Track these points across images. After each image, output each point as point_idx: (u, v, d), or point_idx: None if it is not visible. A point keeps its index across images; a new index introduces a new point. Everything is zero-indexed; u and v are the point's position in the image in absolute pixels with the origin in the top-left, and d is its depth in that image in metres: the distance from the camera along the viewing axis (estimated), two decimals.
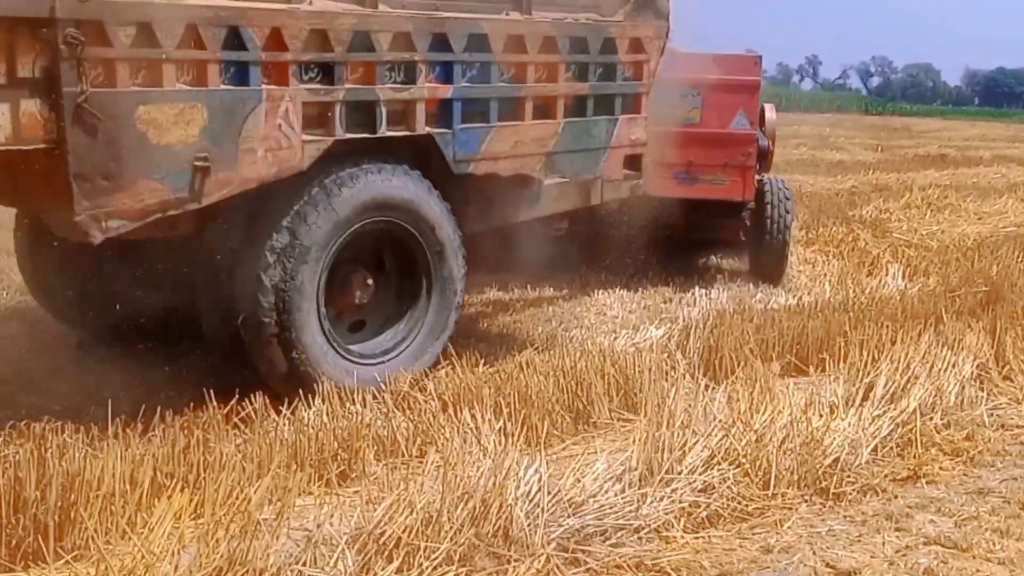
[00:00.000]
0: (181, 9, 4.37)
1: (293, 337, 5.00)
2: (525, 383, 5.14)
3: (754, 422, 4.64)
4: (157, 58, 4.31)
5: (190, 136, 4.46)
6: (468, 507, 3.71)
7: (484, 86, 5.65)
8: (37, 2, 3.94)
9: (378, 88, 5.14)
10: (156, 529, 3.47)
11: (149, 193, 4.37)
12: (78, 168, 4.12)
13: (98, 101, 4.11)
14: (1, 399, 5.07)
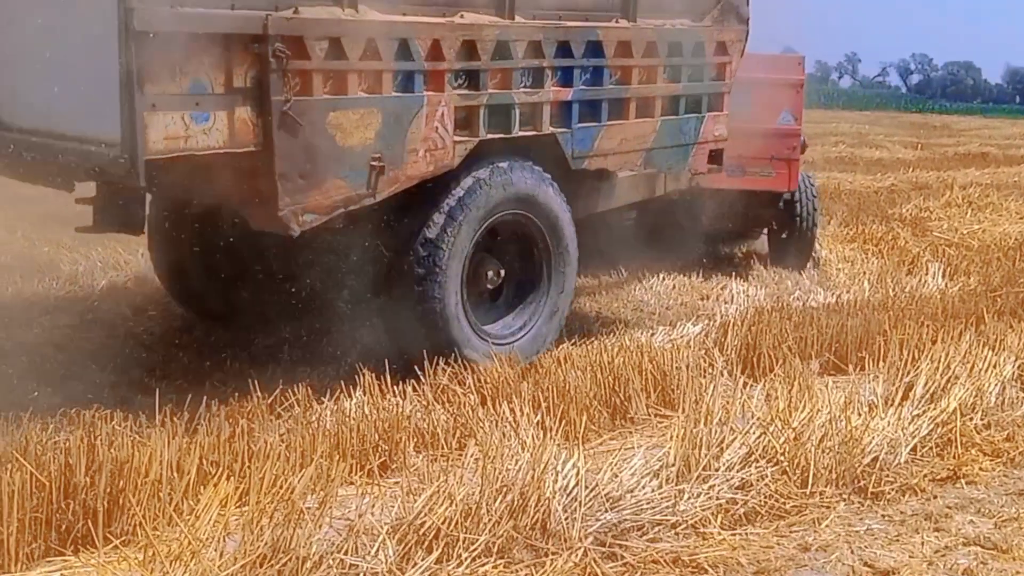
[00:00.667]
0: (363, 24, 4.87)
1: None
2: (563, 378, 5.17)
3: (792, 420, 4.64)
4: (344, 69, 4.81)
5: (368, 139, 4.96)
6: (507, 500, 3.75)
7: (597, 88, 6.10)
8: (252, 20, 4.44)
9: (513, 92, 5.61)
10: (202, 516, 3.53)
11: (336, 190, 4.88)
12: (282, 168, 4.60)
13: (298, 108, 4.60)
14: (51, 387, 5.16)
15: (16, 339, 5.89)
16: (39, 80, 4.63)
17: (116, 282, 7.25)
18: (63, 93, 4.49)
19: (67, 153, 4.51)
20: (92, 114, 4.35)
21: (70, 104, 4.48)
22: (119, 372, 5.46)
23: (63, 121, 4.56)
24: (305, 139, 4.66)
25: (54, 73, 4.53)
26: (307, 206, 4.77)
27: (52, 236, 8.50)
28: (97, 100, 4.27)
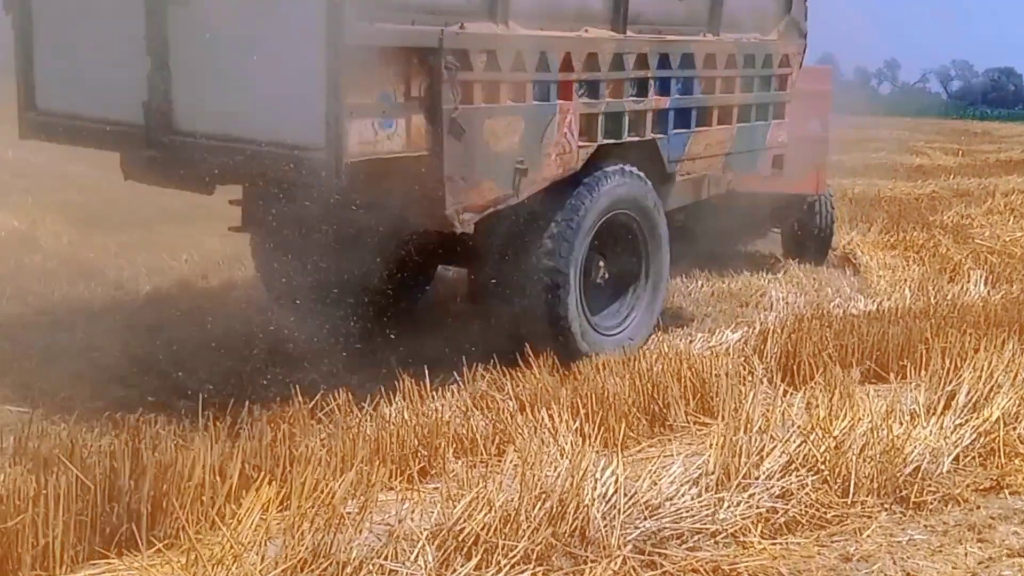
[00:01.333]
0: (513, 39, 5.33)
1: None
2: (602, 385, 5.17)
3: (833, 429, 4.61)
4: (497, 80, 5.28)
5: (514, 144, 5.42)
6: (545, 507, 3.75)
7: (688, 97, 6.61)
8: (430, 35, 4.89)
9: (624, 101, 6.11)
10: (244, 520, 3.56)
11: (488, 191, 5.34)
12: (449, 171, 5.05)
13: (463, 116, 5.05)
14: (96, 392, 5.24)
15: (61, 343, 5.98)
16: (230, 88, 4.92)
17: (160, 287, 7.33)
18: (258, 101, 4.82)
19: (262, 157, 4.82)
20: (291, 121, 4.73)
21: (266, 111, 4.80)
22: (162, 377, 5.53)
23: (256, 127, 4.83)
24: (467, 144, 5.10)
25: (248, 82, 4.84)
26: (467, 206, 5.21)
27: (97, 242, 8.64)
28: (297, 107, 4.68)
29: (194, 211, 10.60)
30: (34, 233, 8.50)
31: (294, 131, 4.72)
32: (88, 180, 13.06)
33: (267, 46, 4.73)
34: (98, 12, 5.29)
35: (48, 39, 5.49)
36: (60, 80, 5.52)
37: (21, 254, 7.90)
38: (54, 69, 5.52)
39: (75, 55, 5.42)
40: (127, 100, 5.17)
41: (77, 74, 5.44)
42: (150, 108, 5.12)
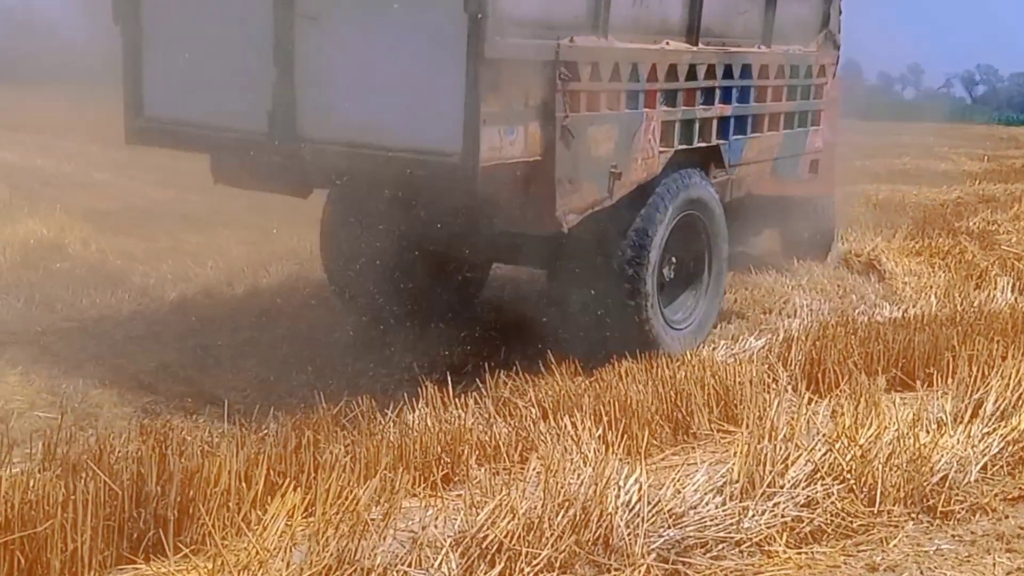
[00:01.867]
0: (613, 51, 5.67)
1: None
2: (625, 392, 5.16)
3: (859, 437, 4.59)
4: (598, 89, 5.60)
5: (609, 149, 5.75)
6: (569, 514, 3.75)
7: (746, 105, 7.01)
8: (547, 48, 5.23)
9: (696, 109, 6.49)
10: (270, 526, 3.57)
11: (589, 194, 5.67)
12: (559, 175, 5.39)
13: (571, 123, 5.38)
14: (123, 398, 5.29)
15: (88, 350, 6.04)
16: (359, 97, 5.22)
17: (186, 294, 7.38)
18: (390, 109, 5.16)
19: (394, 162, 5.14)
20: (426, 127, 5.06)
21: (398, 119, 5.14)
22: (188, 383, 5.57)
23: (387, 134, 5.17)
24: (574, 150, 5.44)
25: (380, 91, 5.17)
26: (573, 207, 5.55)
27: (124, 249, 8.71)
28: (433, 115, 5.03)
29: (217, 218, 10.72)
30: (62, 240, 8.57)
31: (429, 137, 5.05)
32: (114, 188, 13.22)
33: (402, 59, 5.06)
34: (214, 24, 5.55)
35: (158, 49, 5.74)
36: (169, 88, 5.77)
37: (49, 261, 7.98)
38: (163, 77, 5.77)
39: (187, 64, 5.64)
40: (248, 108, 5.44)
41: (189, 82, 5.69)
42: (274, 116, 5.39)
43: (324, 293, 7.73)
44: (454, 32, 4.81)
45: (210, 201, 12.37)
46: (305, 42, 5.27)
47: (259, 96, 5.38)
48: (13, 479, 3.61)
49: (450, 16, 4.81)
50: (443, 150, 4.99)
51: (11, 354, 5.84)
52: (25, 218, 9.11)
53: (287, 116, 5.36)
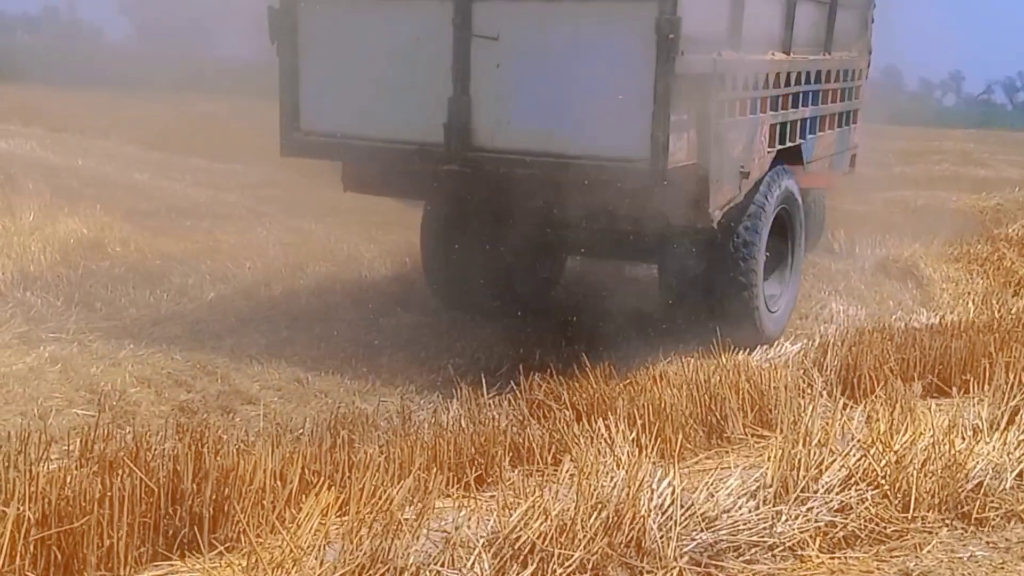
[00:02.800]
0: (746, 63, 6.24)
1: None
2: (659, 395, 5.15)
3: (894, 443, 4.55)
4: (735, 97, 6.17)
5: (739, 152, 6.28)
6: (601, 517, 3.75)
7: (818, 107, 7.70)
8: (707, 62, 5.72)
9: (788, 112, 7.07)
10: (304, 525, 3.59)
11: (728, 192, 6.19)
12: (713, 176, 5.92)
13: (720, 128, 5.97)
14: (160, 396, 5.35)
15: (126, 349, 6.11)
16: (538, 110, 5.69)
17: (224, 295, 7.45)
18: (572, 120, 5.60)
19: (575, 168, 5.63)
20: (613, 136, 5.53)
21: (581, 129, 5.59)
22: (224, 382, 5.62)
23: (568, 142, 5.63)
24: (721, 153, 5.96)
25: (562, 104, 5.62)
26: (718, 204, 6.04)
27: (163, 249, 8.81)
28: (621, 125, 5.49)
29: (255, 219, 10.82)
30: (102, 240, 8.67)
31: (614, 145, 5.53)
32: (153, 189, 13.36)
33: (583, 74, 5.52)
34: (382, 43, 5.96)
35: (315, 66, 6.12)
36: (328, 103, 6.14)
37: (89, 260, 8.08)
38: (321, 93, 6.15)
39: (349, 81, 6.09)
40: (423, 121, 5.87)
41: (350, 98, 6.10)
42: (450, 128, 5.80)
43: (359, 294, 7.80)
44: (643, 50, 5.30)
45: (247, 202, 12.53)
46: (482, 60, 5.71)
47: (435, 110, 5.80)
48: (51, 475, 3.67)
49: (639, 35, 5.31)
50: (629, 157, 5.47)
51: (51, 352, 5.93)
52: (65, 217, 9.23)
53: (463, 128, 5.79)
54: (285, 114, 6.25)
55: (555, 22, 5.59)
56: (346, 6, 6.05)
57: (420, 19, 5.85)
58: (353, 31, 6.00)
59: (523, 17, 5.67)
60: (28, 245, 8.10)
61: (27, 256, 7.87)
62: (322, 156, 6.42)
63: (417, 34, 5.83)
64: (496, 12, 5.68)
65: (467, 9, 5.68)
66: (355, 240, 9.88)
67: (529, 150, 5.70)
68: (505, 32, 5.63)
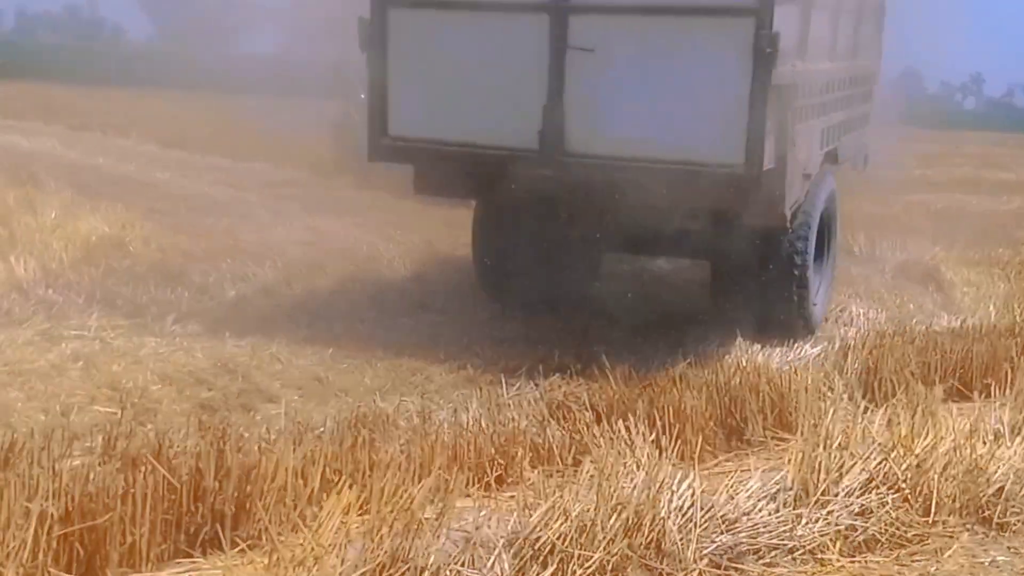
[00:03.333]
0: (810, 72, 6.45)
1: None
2: (679, 397, 5.15)
3: (915, 447, 4.54)
4: (804, 104, 6.35)
5: (805, 155, 6.49)
6: (621, 518, 3.75)
7: (848, 110, 8.07)
8: (789, 73, 5.91)
9: (831, 116, 7.34)
10: (325, 523, 3.61)
11: (797, 193, 6.49)
12: (788, 179, 6.17)
13: (795, 134, 6.17)
14: (181, 394, 5.37)
15: (147, 347, 6.14)
16: (632, 117, 5.98)
17: (244, 293, 7.47)
18: (667, 127, 5.92)
19: (669, 173, 5.91)
20: (708, 142, 5.88)
21: (676, 135, 5.92)
22: (245, 380, 5.64)
23: (660, 149, 5.95)
24: (793, 157, 6.18)
25: (657, 112, 5.94)
26: (790, 205, 6.30)
27: (184, 247, 8.85)
28: (718, 132, 5.85)
29: (275, 218, 10.86)
30: (123, 238, 8.72)
31: (709, 150, 5.85)
32: (174, 187, 13.43)
33: (678, 83, 5.89)
34: (474, 53, 6.23)
35: (404, 74, 6.37)
36: (417, 110, 6.40)
37: (111, 258, 8.11)
38: (409, 100, 6.39)
39: (438, 88, 6.34)
40: (517, 127, 6.15)
41: (440, 105, 6.35)
42: (544, 134, 6.06)
43: (378, 293, 7.82)
44: (740, 61, 5.67)
45: (267, 201, 12.58)
46: (577, 70, 6.00)
47: (529, 117, 6.07)
48: (74, 471, 3.70)
49: (737, 48, 5.69)
50: (725, 162, 5.80)
51: (73, 349, 5.96)
52: (87, 215, 9.28)
53: (557, 135, 6.06)
54: (373, 120, 6.50)
55: (652, 35, 5.96)
56: (439, 17, 6.33)
57: (515, 30, 6.16)
58: (446, 41, 6.28)
59: (620, 30, 5.98)
60: (50, 243, 8.14)
61: (49, 254, 7.91)
62: (410, 161, 6.66)
63: (512, 44, 6.13)
64: (593, 25, 5.99)
65: (564, 22, 5.96)
66: (374, 240, 9.90)
67: (624, 155, 6.00)
68: (601, 44, 5.92)
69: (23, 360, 5.70)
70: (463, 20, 6.24)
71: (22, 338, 6.10)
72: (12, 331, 6.20)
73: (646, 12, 5.99)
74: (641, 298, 7.75)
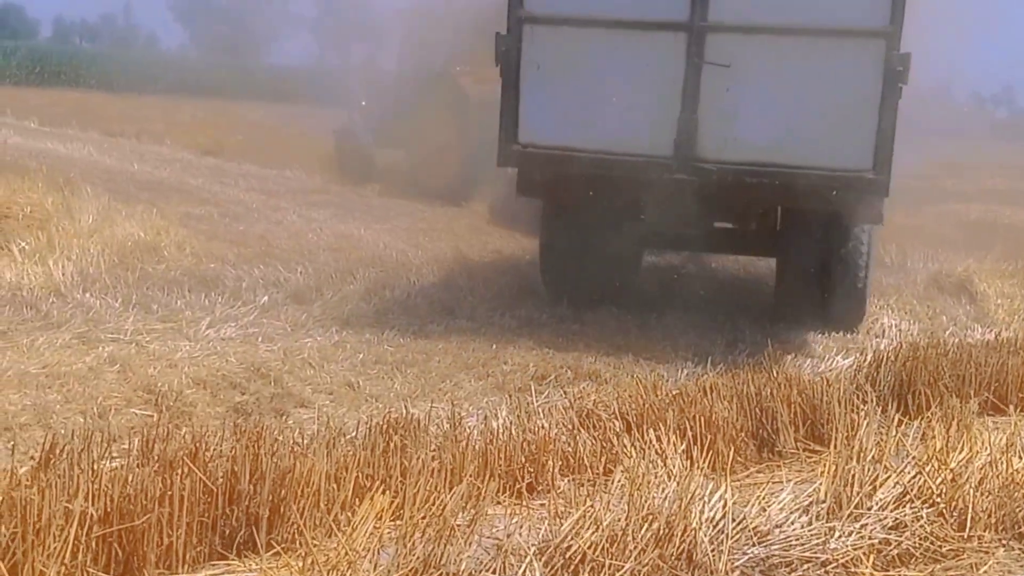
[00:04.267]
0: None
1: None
2: (709, 407, 5.13)
3: (950, 460, 4.50)
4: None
5: None
6: (653, 528, 3.74)
7: None
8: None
9: None
10: (359, 528, 3.63)
11: None
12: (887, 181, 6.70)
13: None
14: (215, 398, 5.42)
15: (182, 350, 6.20)
16: (764, 126, 6.64)
17: (276, 298, 7.53)
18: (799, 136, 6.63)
19: (801, 178, 6.69)
20: (837, 150, 6.60)
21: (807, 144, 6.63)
22: (278, 384, 5.68)
23: (791, 156, 6.66)
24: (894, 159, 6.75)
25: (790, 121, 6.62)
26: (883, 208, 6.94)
27: (217, 252, 8.94)
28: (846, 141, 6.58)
29: (306, 224, 10.94)
30: (158, 243, 8.81)
31: (843, 158, 6.63)
32: (207, 193, 13.55)
33: (812, 96, 6.57)
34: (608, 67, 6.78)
35: (536, 86, 6.87)
36: (548, 119, 6.92)
37: (146, 263, 8.21)
38: (541, 110, 6.91)
39: (571, 100, 6.87)
40: (652, 137, 6.76)
41: (572, 115, 6.89)
42: (679, 143, 6.68)
43: (408, 299, 7.87)
44: (871, 78, 6.40)
45: (299, 207, 12.67)
46: (711, 84, 6.61)
47: (664, 127, 6.68)
48: (113, 473, 3.73)
49: (869, 66, 6.40)
50: (855, 168, 6.61)
51: (109, 352, 6.03)
52: (123, 221, 9.39)
53: (690, 143, 6.68)
54: (505, 129, 6.98)
55: (787, 52, 6.62)
56: (575, 33, 6.80)
57: (652, 47, 6.74)
58: (580, 55, 6.81)
59: (755, 47, 6.60)
60: (87, 247, 8.24)
61: (86, 258, 8.01)
62: (538, 166, 7.14)
63: (648, 59, 6.72)
64: (729, 43, 6.57)
65: (701, 40, 6.55)
66: (403, 247, 9.96)
67: (756, 161, 6.69)
68: (736, 60, 6.52)
69: (61, 362, 5.77)
70: (599, 36, 6.76)
71: (60, 341, 6.18)
72: (51, 334, 6.28)
73: (781, 32, 6.59)
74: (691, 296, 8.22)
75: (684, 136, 6.65)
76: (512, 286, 8.56)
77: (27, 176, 11.40)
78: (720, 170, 6.70)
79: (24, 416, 4.97)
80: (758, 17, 6.59)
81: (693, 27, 6.54)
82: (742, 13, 6.59)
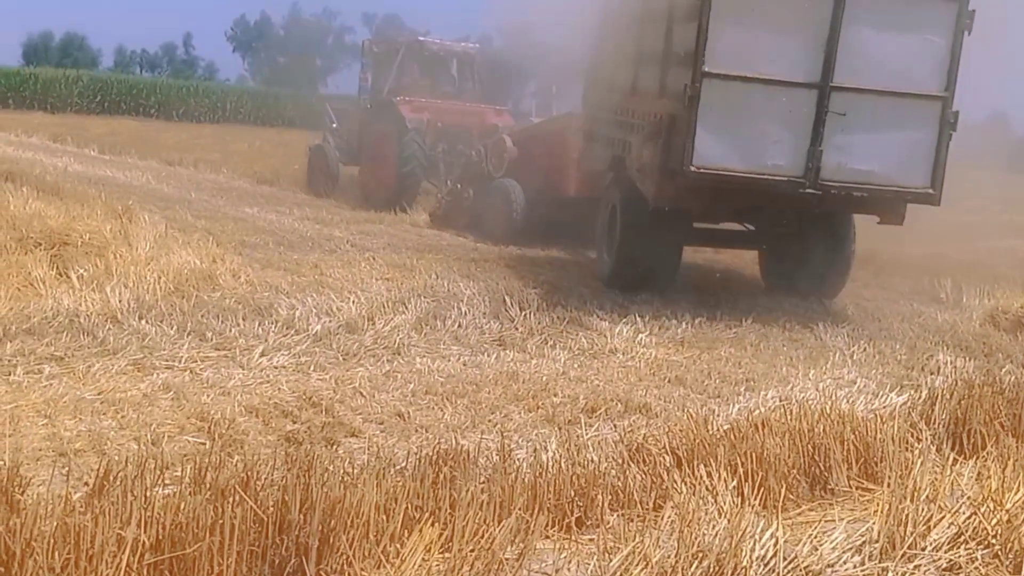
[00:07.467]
0: None
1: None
2: (761, 444, 5.07)
3: (1006, 501, 4.41)
4: None
5: None
6: (703, 566, 3.72)
7: None
8: None
9: None
10: (408, 560, 3.64)
11: None
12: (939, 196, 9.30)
13: None
14: (267, 427, 5.47)
15: (235, 378, 6.27)
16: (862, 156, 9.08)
17: (329, 327, 7.58)
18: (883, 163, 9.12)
19: (885, 194, 9.30)
20: (910, 174, 9.15)
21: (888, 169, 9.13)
22: (329, 414, 5.73)
23: (880, 178, 9.16)
24: None
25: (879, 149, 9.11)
26: None
27: (271, 281, 9.04)
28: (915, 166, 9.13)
29: (359, 254, 11.02)
30: (213, 271, 8.92)
31: (912, 180, 9.16)
32: (262, 222, 13.72)
33: (895, 132, 9.08)
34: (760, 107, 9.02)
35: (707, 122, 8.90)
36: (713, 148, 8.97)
37: (202, 291, 8.31)
38: (707, 142, 8.93)
39: (730, 133, 9.05)
40: (790, 162, 9.03)
41: (734, 143, 9.06)
42: (808, 167, 9.00)
43: (458, 330, 7.90)
44: (932, 126, 9.04)
45: (352, 237, 12.79)
46: (831, 125, 8.99)
47: (798, 155, 9.02)
48: (166, 500, 3.78)
49: (932, 118, 9.03)
50: (919, 186, 9.18)
51: (163, 379, 6.12)
52: (179, 248, 9.52)
53: (816, 167, 9.00)
54: (680, 155, 9.01)
55: (881, 106, 9.05)
56: (739, 87, 8.93)
57: (793, 98, 9.02)
58: (742, 101, 9.00)
59: (862, 102, 9.00)
60: (144, 275, 8.36)
61: (143, 285, 8.13)
62: (706, 184, 9.12)
63: (789, 107, 9.03)
64: (845, 97, 8.95)
65: (826, 95, 8.94)
66: (454, 277, 10.01)
67: (858, 181, 9.15)
68: (849, 110, 8.96)
69: (116, 389, 5.87)
70: (757, 89, 8.97)
71: (116, 367, 6.28)
72: (107, 360, 6.39)
73: (878, 93, 9.00)
74: None
75: (812, 163, 9.00)
76: (563, 319, 8.57)
77: (86, 203, 11.65)
78: (838, 186, 9.09)
79: (79, 442, 5.06)
80: (865, 82, 9.01)
81: (822, 87, 8.92)
82: (855, 78, 8.98)
